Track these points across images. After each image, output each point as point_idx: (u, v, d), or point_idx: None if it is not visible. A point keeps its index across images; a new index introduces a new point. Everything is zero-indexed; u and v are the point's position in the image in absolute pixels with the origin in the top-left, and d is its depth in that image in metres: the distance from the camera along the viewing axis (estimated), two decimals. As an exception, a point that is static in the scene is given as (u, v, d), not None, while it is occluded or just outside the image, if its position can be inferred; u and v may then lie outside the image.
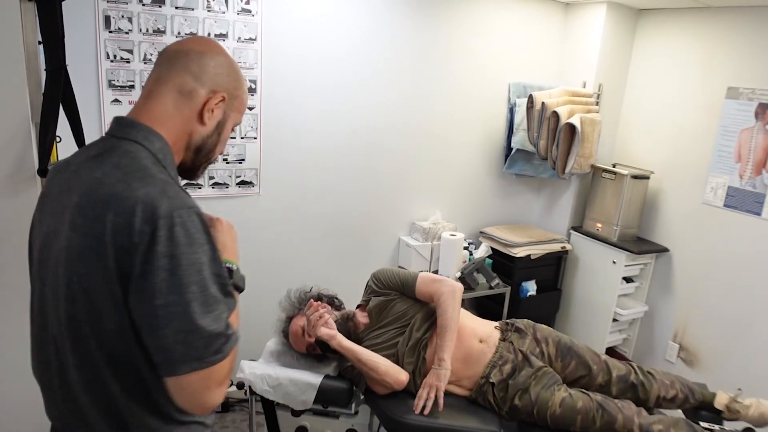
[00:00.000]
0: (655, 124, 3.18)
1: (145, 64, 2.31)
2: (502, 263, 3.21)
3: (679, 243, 3.08)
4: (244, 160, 2.61)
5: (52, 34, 1.42)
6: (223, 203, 2.60)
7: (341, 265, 3.01)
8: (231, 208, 2.62)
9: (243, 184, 2.64)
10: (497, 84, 3.23)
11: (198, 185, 2.53)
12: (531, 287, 3.23)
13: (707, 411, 2.02)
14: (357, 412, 2.01)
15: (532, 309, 3.17)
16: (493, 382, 1.93)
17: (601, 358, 2.06)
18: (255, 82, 2.54)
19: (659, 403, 2.01)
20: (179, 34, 2.34)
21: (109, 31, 2.22)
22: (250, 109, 2.55)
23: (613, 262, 3.11)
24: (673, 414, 1.99)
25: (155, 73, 0.97)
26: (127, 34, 2.25)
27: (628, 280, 3.18)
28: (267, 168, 2.67)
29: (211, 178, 2.55)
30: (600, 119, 3.04)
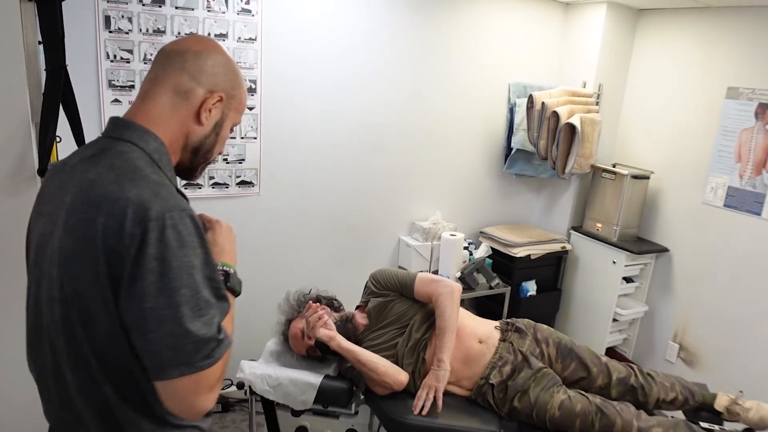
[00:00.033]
0: (655, 124, 3.18)
1: (145, 64, 2.31)
2: (502, 263, 3.21)
3: (679, 243, 3.08)
4: (244, 160, 2.61)
5: (52, 34, 1.42)
6: (223, 203, 2.60)
7: (341, 265, 3.02)
8: (231, 208, 2.62)
9: (243, 184, 2.64)
10: (497, 84, 3.23)
11: (198, 185, 2.53)
12: (531, 287, 3.23)
13: (707, 412, 2.02)
14: (357, 412, 2.01)
15: (532, 309, 3.17)
16: (493, 384, 1.92)
17: (602, 360, 2.05)
18: (255, 82, 2.54)
19: (659, 405, 2.01)
20: (179, 34, 2.34)
21: (109, 31, 2.22)
22: (250, 109, 2.55)
23: (613, 262, 3.11)
24: (673, 415, 2.00)
25: (152, 73, 0.97)
26: (127, 34, 2.25)
27: (628, 280, 3.18)
28: (267, 168, 2.67)
29: (211, 178, 2.55)
30: (600, 119, 3.04)
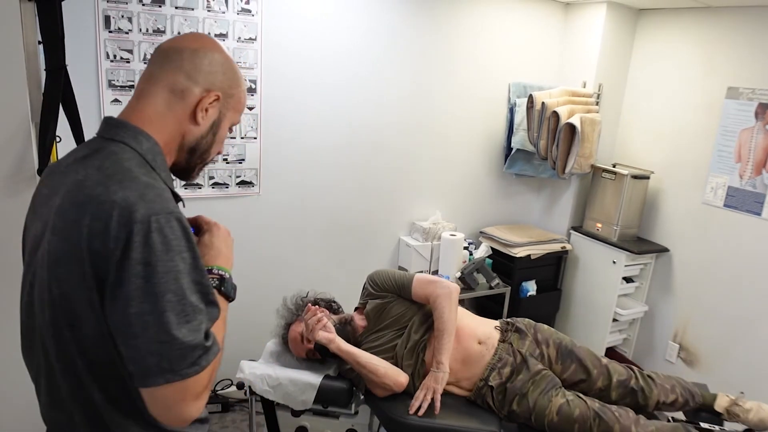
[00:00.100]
0: (655, 124, 3.18)
1: (145, 64, 2.29)
2: (502, 263, 3.21)
3: (679, 243, 3.08)
4: (244, 160, 2.61)
5: (52, 34, 1.42)
6: (223, 203, 2.60)
7: (341, 265, 3.01)
8: (231, 208, 2.62)
9: (243, 184, 2.64)
10: (497, 84, 3.23)
11: (198, 185, 2.53)
12: (531, 287, 3.23)
13: (707, 413, 2.02)
14: (357, 412, 2.01)
15: (532, 309, 3.17)
16: (492, 386, 1.92)
17: (602, 362, 2.04)
18: (255, 82, 2.54)
19: (659, 407, 2.00)
20: (179, 34, 2.33)
21: (109, 31, 2.22)
22: (250, 109, 2.55)
23: (613, 262, 3.11)
24: (673, 416, 1.99)
25: (148, 71, 0.95)
26: (127, 34, 2.25)
27: (628, 280, 3.18)
28: (267, 168, 2.67)
29: (210, 178, 2.55)
30: (600, 119, 3.04)
